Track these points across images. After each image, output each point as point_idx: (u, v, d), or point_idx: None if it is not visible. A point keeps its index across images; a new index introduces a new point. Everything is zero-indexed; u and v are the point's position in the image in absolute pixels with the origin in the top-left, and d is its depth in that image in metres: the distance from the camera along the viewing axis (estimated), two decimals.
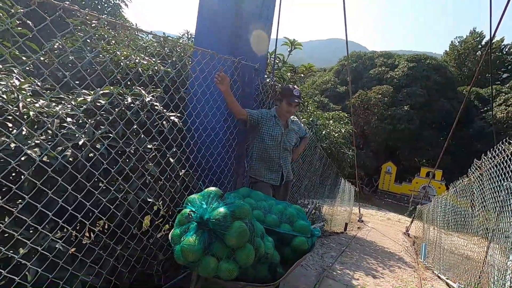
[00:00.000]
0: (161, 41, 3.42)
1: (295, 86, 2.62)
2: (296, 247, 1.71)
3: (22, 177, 1.48)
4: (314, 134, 4.79)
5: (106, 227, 1.93)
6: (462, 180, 4.13)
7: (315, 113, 5.94)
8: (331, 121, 6.63)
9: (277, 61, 3.59)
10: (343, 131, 6.39)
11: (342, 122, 7.76)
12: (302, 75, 3.88)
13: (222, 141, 2.40)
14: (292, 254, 1.72)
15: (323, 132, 5.38)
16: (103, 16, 1.60)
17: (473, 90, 24.01)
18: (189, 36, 4.56)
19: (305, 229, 1.79)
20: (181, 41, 4.00)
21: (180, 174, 2.16)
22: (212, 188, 1.48)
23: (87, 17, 1.58)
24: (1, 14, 2.72)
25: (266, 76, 3.04)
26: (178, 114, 2.32)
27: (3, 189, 1.57)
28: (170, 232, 1.44)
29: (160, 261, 1.96)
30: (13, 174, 1.67)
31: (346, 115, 8.32)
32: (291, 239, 1.73)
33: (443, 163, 18.62)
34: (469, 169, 3.72)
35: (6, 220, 1.45)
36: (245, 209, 1.32)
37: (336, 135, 5.99)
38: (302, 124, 2.95)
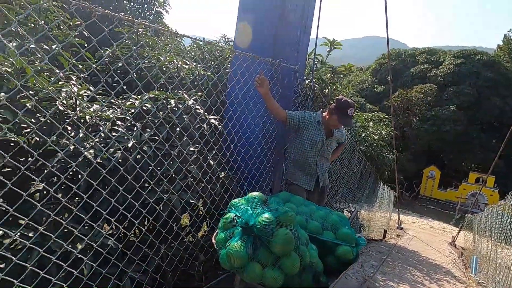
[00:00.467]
0: (202, 46, 3.52)
1: (351, 103, 2.39)
2: (340, 257, 1.64)
3: (79, 176, 1.59)
4: (352, 137, 4.61)
5: (151, 226, 2.01)
6: None
7: (355, 114, 5.72)
8: (370, 123, 6.34)
9: (316, 62, 3.51)
10: (383, 133, 6.07)
11: (382, 123, 7.38)
12: (342, 75, 3.75)
13: (261, 144, 2.40)
14: (336, 263, 1.65)
15: (363, 135, 5.15)
16: (151, 25, 1.67)
17: None
18: (226, 40, 4.64)
19: (349, 238, 1.71)
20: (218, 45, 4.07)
21: (221, 176, 2.19)
22: (256, 193, 1.47)
23: (136, 26, 1.66)
24: (61, 27, 2.97)
25: (305, 77, 2.98)
26: (219, 117, 2.36)
27: (62, 187, 1.70)
28: (214, 236, 1.45)
29: (201, 262, 2.00)
30: (70, 174, 1.80)
31: (386, 116, 7.90)
32: (335, 248, 1.66)
33: (496, 168, 16.93)
34: None
35: (66, 216, 1.57)
36: (290, 216, 1.29)
37: (376, 137, 5.71)
38: (345, 131, 2.82)
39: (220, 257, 1.27)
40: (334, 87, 3.72)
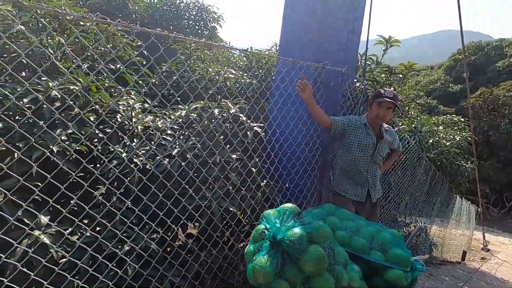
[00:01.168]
0: (247, 54, 3.57)
1: (386, 90, 2.27)
2: (389, 282, 1.42)
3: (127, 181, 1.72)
4: (417, 143, 4.10)
5: (192, 233, 2.06)
6: None
7: (418, 118, 5.10)
8: (440, 127, 5.57)
9: (369, 63, 3.24)
10: (458, 138, 5.27)
11: (456, 127, 6.43)
12: (401, 75, 3.38)
13: (304, 152, 2.28)
14: None
15: (430, 141, 4.55)
16: (200, 40, 1.75)
17: None
18: (277, 47, 4.65)
19: (402, 260, 1.47)
20: (268, 53, 4.10)
21: (261, 184, 2.14)
22: (289, 205, 1.38)
23: (188, 43, 1.75)
24: (125, 48, 3.35)
25: (356, 80, 2.77)
26: (261, 124, 2.33)
27: (121, 191, 1.87)
28: (246, 247, 1.40)
29: (241, 272, 1.97)
30: (123, 179, 1.97)
31: (462, 119, 6.86)
32: (384, 271, 1.44)
33: None
34: None
35: (117, 219, 1.71)
36: (324, 231, 1.17)
37: (448, 144, 4.98)
38: (397, 136, 2.53)
39: (247, 272, 1.21)
40: (392, 88, 3.38)
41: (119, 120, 2.17)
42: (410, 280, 1.47)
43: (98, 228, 1.69)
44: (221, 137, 2.18)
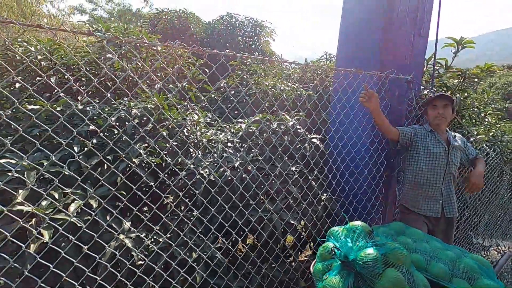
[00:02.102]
0: (303, 68, 3.58)
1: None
2: None
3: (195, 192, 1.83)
4: (498, 155, 3.59)
5: (253, 245, 2.09)
6: None
7: (497, 125, 4.48)
8: None
9: (438, 67, 2.97)
10: None
11: None
12: (476, 79, 3.03)
13: (368, 166, 2.17)
14: None
15: None
16: (251, 56, 1.82)
17: None
18: (328, 56, 4.57)
19: None
20: (321, 63, 4.06)
21: (322, 198, 2.09)
22: (358, 223, 1.32)
23: (239, 58, 1.84)
24: (190, 67, 3.62)
25: (423, 87, 2.57)
26: (320, 137, 2.29)
27: (187, 201, 2.00)
28: (312, 264, 1.37)
29: None
30: (191, 190, 2.10)
31: None
32: None
33: None
34: None
35: (185, 227, 1.83)
36: (401, 254, 1.08)
37: None
38: (468, 142, 2.25)
39: None
40: (466, 94, 3.04)
41: (186, 134, 2.34)
42: None
43: (169, 235, 1.83)
44: (281, 149, 2.20)
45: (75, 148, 1.55)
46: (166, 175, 2.21)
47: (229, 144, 2.35)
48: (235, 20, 5.93)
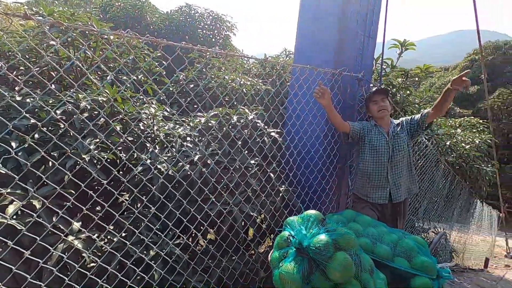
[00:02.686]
0: (263, 63, 3.63)
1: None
2: None
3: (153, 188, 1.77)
4: (434, 146, 4.03)
5: (213, 238, 2.10)
6: None
7: (435, 120, 5.01)
8: (458, 130, 5.45)
9: (385, 66, 3.23)
10: (477, 141, 5.13)
11: (475, 130, 6.27)
12: (417, 78, 3.35)
13: (322, 158, 2.29)
14: None
15: (447, 143, 4.46)
16: (208, 49, 1.80)
17: None
18: (287, 53, 4.69)
19: (428, 268, 1.46)
20: (280, 59, 4.15)
21: (280, 190, 2.17)
22: (312, 212, 1.40)
23: (195, 52, 1.81)
24: (145, 58, 3.46)
25: (372, 85, 2.77)
26: (278, 130, 2.36)
27: (144, 198, 1.93)
28: (270, 253, 1.42)
29: (261, 278, 1.98)
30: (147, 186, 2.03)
31: (480, 121, 6.68)
32: (409, 280, 1.43)
33: None
34: None
35: (142, 225, 1.77)
36: (349, 238, 1.18)
37: (467, 147, 4.86)
38: (399, 121, 2.39)
39: (274, 278, 1.23)
40: (408, 92, 3.34)
41: (142, 128, 2.25)
42: None
43: (124, 234, 1.75)
44: (240, 143, 2.22)
45: (13, 144, 1.41)
46: (121, 172, 2.11)
47: (188, 138, 2.31)
48: (194, 12, 5.77)
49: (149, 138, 2.29)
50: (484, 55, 22.48)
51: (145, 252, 1.71)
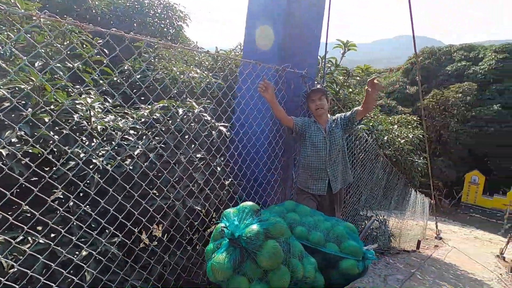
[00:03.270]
0: (213, 55, 3.58)
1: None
2: (344, 271, 1.53)
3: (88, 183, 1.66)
4: (374, 141, 4.38)
5: (154, 234, 2.04)
6: None
7: (375, 117, 5.45)
8: (395, 126, 6.00)
9: (329, 65, 3.40)
10: (411, 136, 5.71)
11: (410, 126, 6.96)
12: (358, 78, 3.60)
13: (267, 151, 2.35)
14: (340, 278, 1.55)
15: (385, 138, 4.89)
16: (159, 42, 1.73)
17: None
18: (241, 48, 4.69)
19: (355, 251, 1.59)
20: (232, 53, 4.13)
21: (226, 183, 2.18)
22: (248, 203, 1.43)
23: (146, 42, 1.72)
24: (84, 46, 3.19)
25: (316, 82, 2.90)
26: (225, 124, 2.36)
27: (81, 195, 1.79)
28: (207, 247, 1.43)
29: (205, 272, 1.98)
30: (82, 182, 1.89)
31: (415, 118, 7.44)
32: (338, 262, 1.55)
33: None
34: None
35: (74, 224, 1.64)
36: (280, 226, 1.23)
37: (402, 141, 5.38)
38: (335, 117, 2.56)
39: (207, 270, 1.24)
40: (350, 90, 3.58)
41: (77, 119, 2.08)
42: (362, 269, 1.59)
43: (53, 235, 1.61)
44: (185, 136, 2.18)
45: None
46: (51, 168, 1.93)
47: (131, 131, 2.20)
48: None
49: (86, 131, 2.14)
50: (422, 59, 24.94)
51: (77, 252, 1.61)
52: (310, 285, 1.32)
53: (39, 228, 1.61)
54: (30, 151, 1.67)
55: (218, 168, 2.14)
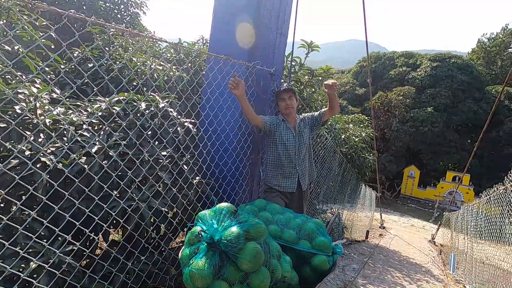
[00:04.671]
0: (177, 47, 3.40)
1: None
2: (316, 267, 1.58)
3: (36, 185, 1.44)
4: (332, 139, 4.61)
5: (116, 239, 1.88)
6: (497, 188, 3.80)
7: (333, 116, 5.74)
8: (350, 125, 6.40)
9: (294, 64, 3.47)
10: (363, 135, 6.14)
11: (362, 125, 7.49)
12: (320, 78, 3.74)
13: (236, 149, 2.31)
14: (312, 274, 1.59)
15: (342, 136, 5.18)
16: (114, 26, 1.56)
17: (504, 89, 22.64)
18: (204, 41, 4.54)
19: (326, 247, 1.65)
20: (196, 47, 3.98)
21: (194, 182, 2.09)
22: (225, 204, 1.38)
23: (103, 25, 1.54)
24: (26, 27, 2.79)
25: (282, 80, 2.93)
26: (192, 120, 2.26)
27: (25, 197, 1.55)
28: (180, 251, 1.35)
29: (173, 276, 1.88)
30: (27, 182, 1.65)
31: (366, 118, 8.03)
32: (311, 258, 1.59)
33: (471, 167, 17.63)
34: (506, 177, 3.42)
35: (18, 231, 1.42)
36: (260, 228, 1.21)
37: (356, 139, 5.76)
38: (303, 117, 2.65)
39: (184, 276, 1.17)
40: (313, 89, 3.70)
41: (19, 111, 1.80)
42: (332, 263, 1.66)
43: None
44: (149, 133, 2.03)
45: None
46: None
47: (84, 126, 1.97)
48: None
49: (31, 125, 1.87)
50: (370, 63, 26.98)
51: (23, 266, 1.40)
52: (287, 284, 1.33)
53: None
54: None
55: (185, 167, 2.04)
